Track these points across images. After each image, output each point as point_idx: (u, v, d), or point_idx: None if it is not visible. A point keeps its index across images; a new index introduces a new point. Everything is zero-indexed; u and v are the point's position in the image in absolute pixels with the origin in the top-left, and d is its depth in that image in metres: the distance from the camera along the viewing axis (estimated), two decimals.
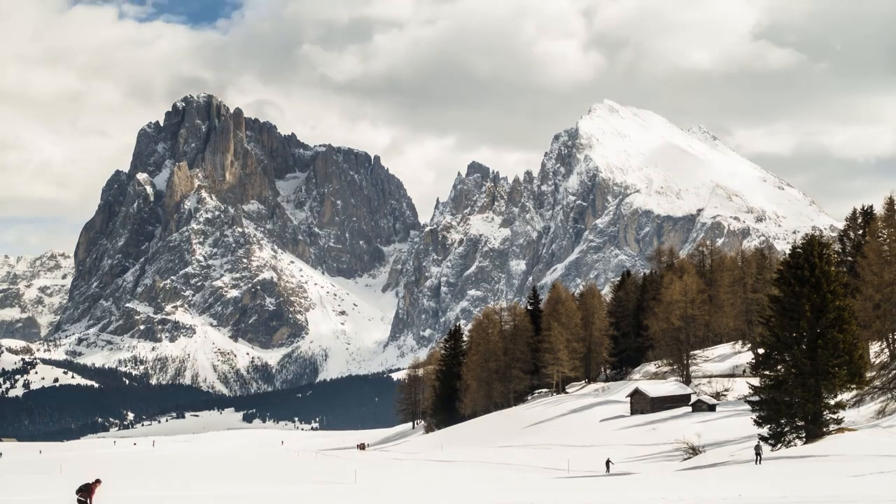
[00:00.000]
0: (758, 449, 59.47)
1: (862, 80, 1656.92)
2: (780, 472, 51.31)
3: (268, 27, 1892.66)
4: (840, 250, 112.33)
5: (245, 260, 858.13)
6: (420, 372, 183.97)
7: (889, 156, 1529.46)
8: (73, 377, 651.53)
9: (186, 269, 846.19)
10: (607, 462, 69.73)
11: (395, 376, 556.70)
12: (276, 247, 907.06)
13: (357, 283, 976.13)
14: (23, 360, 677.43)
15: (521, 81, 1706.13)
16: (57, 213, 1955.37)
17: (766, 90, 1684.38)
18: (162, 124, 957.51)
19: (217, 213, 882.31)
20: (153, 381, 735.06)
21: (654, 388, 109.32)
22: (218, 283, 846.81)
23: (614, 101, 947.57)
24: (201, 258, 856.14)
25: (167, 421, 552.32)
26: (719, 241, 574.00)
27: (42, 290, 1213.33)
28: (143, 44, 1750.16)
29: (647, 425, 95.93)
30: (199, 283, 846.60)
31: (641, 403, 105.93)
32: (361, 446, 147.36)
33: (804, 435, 60.83)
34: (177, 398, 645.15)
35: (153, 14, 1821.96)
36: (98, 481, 41.67)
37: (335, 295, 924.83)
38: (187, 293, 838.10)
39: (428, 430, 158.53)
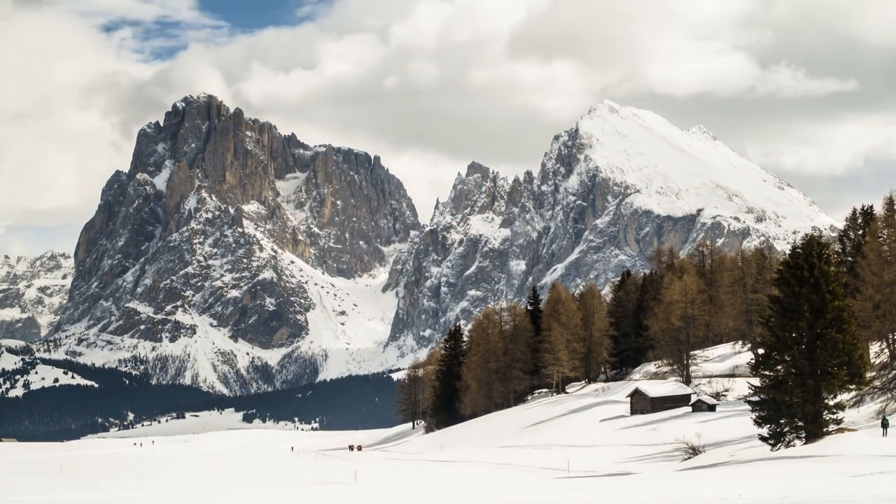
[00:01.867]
0: (884, 422, 57.07)
1: (814, 110, 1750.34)
2: (780, 472, 51.33)
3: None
4: (840, 250, 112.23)
5: (245, 260, 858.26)
6: (420, 372, 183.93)
7: (842, 174, 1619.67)
8: (73, 377, 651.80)
9: (186, 269, 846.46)
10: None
11: (395, 376, 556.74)
12: (276, 247, 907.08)
13: (357, 283, 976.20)
14: (23, 360, 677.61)
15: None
16: (57, 213, 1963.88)
17: (723, 112, 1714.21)
18: (162, 124, 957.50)
19: (217, 213, 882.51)
20: (153, 382, 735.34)
21: (654, 388, 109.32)
22: (218, 283, 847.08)
23: (614, 102, 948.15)
24: (201, 258, 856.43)
25: (167, 421, 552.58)
26: (719, 241, 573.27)
27: (42, 290, 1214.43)
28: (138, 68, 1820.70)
29: (647, 425, 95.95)
30: (199, 283, 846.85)
31: (641, 403, 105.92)
32: (354, 447, 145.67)
33: (804, 435, 60.84)
34: (177, 398, 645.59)
35: (151, 58, 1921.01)
36: None
37: (335, 295, 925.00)
38: (187, 293, 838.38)
39: (428, 430, 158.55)
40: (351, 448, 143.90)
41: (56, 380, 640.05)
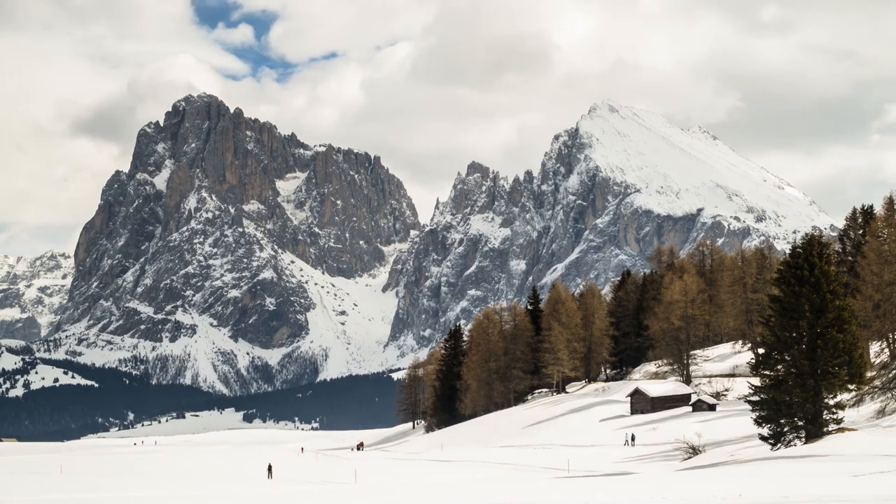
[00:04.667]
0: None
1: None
2: (780, 472, 51.29)
3: None
4: (840, 250, 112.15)
5: (245, 260, 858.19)
6: (420, 372, 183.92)
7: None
8: (73, 377, 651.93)
9: (187, 269, 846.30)
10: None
11: (395, 376, 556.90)
12: (276, 247, 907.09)
13: (357, 283, 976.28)
14: (23, 360, 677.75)
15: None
16: (57, 213, 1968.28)
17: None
18: (162, 124, 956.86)
19: (217, 213, 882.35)
20: (153, 381, 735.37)
21: (655, 388, 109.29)
22: (218, 283, 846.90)
23: (614, 101, 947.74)
24: (201, 258, 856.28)
25: (167, 421, 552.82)
26: (719, 241, 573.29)
27: (42, 290, 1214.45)
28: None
29: (647, 425, 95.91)
30: (199, 283, 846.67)
31: (641, 403, 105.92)
32: (359, 446, 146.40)
33: (804, 435, 60.77)
34: (177, 398, 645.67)
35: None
36: None
37: (335, 295, 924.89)
38: (187, 293, 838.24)
39: (428, 430, 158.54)
40: (359, 447, 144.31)
41: (56, 380, 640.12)
